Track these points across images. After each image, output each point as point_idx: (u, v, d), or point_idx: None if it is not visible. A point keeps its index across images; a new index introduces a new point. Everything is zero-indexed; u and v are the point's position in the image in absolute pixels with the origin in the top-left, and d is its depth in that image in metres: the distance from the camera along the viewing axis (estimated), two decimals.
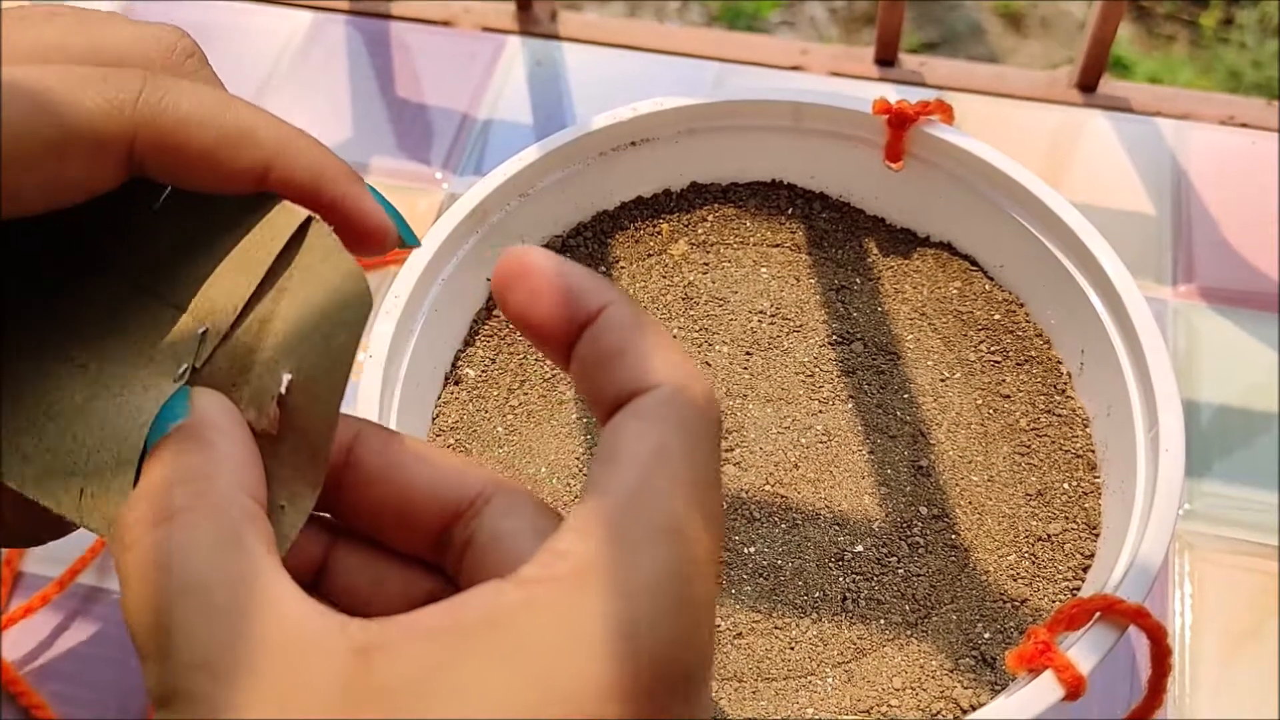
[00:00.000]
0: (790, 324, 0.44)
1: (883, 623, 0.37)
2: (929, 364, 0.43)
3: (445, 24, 0.62)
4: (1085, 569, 0.38)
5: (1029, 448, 0.41)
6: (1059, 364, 0.42)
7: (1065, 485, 0.40)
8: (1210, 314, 0.50)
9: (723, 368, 0.43)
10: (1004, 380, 0.42)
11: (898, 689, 0.36)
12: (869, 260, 0.45)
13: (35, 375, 0.26)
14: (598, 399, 0.23)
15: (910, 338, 0.43)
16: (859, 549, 0.39)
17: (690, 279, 0.45)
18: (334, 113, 0.58)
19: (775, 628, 0.37)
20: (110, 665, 0.43)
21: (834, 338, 0.43)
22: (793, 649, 0.37)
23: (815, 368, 0.43)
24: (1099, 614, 0.33)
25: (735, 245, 0.46)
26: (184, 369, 0.25)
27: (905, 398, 0.42)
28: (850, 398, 0.42)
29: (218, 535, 0.21)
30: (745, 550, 0.39)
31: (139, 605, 0.21)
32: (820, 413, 0.41)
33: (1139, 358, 0.38)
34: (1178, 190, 0.54)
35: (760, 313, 0.44)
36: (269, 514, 0.23)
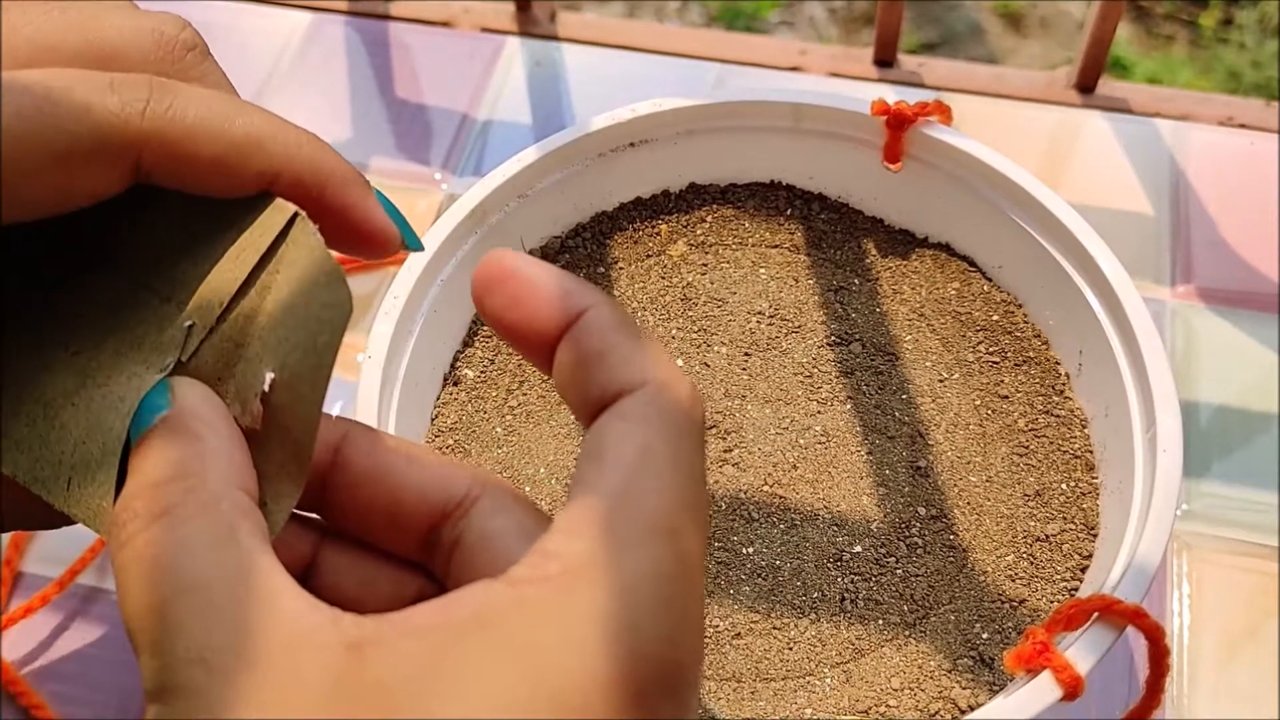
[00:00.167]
0: (789, 325, 0.44)
1: (881, 623, 0.37)
2: (927, 365, 0.43)
3: (444, 24, 0.62)
4: (1083, 569, 0.38)
5: (1027, 448, 0.41)
6: (1057, 365, 0.42)
7: (1063, 486, 0.40)
8: (1208, 314, 0.50)
9: (721, 368, 0.43)
10: (1002, 381, 0.42)
11: (896, 689, 0.36)
12: (867, 261, 0.45)
13: (34, 367, 0.26)
14: (581, 401, 0.23)
15: (908, 338, 0.43)
16: (857, 549, 0.39)
17: (689, 280, 0.45)
18: (333, 113, 0.58)
19: (774, 628, 0.37)
20: (110, 665, 0.43)
21: (832, 338, 0.43)
22: (791, 649, 0.37)
23: (814, 368, 0.43)
24: (1097, 614, 0.33)
25: (734, 246, 0.46)
26: (169, 362, 0.25)
27: (904, 398, 0.42)
28: (849, 398, 0.42)
29: (212, 531, 0.21)
30: (744, 551, 0.39)
31: (135, 602, 0.21)
32: (819, 413, 0.42)
33: (1137, 358, 0.38)
34: (1176, 191, 0.54)
35: (759, 313, 0.44)
36: None
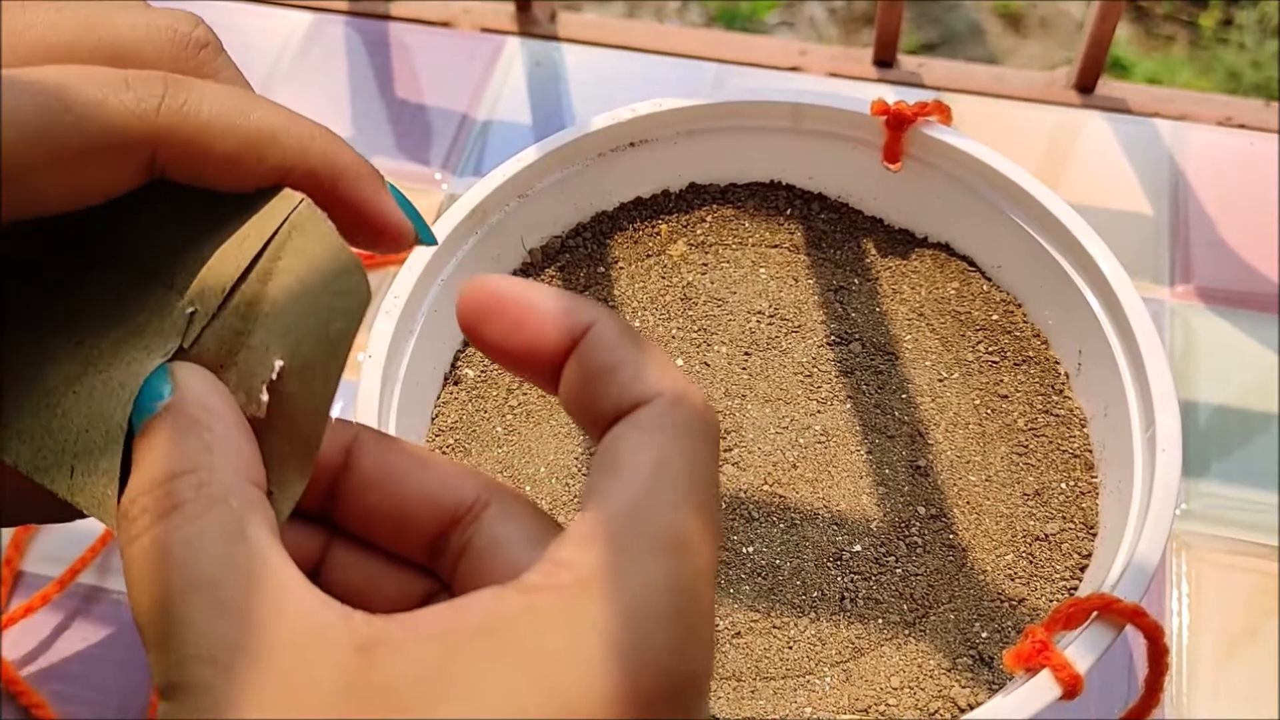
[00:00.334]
0: (789, 324, 0.44)
1: (881, 622, 0.37)
2: (927, 364, 0.43)
3: (444, 25, 0.62)
4: (1082, 568, 0.38)
5: (1026, 448, 0.41)
6: (1056, 364, 0.42)
7: (1063, 485, 0.40)
8: (1208, 314, 0.50)
9: (721, 368, 0.43)
10: (1001, 380, 0.42)
11: (896, 688, 0.36)
12: (867, 261, 0.46)
13: (37, 356, 0.26)
14: (592, 417, 0.23)
15: (908, 338, 0.44)
16: (857, 549, 0.39)
17: (689, 279, 0.45)
18: (333, 113, 0.58)
19: (774, 627, 0.37)
20: (111, 665, 0.43)
21: (832, 338, 0.43)
22: (791, 648, 0.37)
23: (813, 368, 0.43)
24: (1096, 613, 0.33)
25: (734, 246, 0.46)
26: (170, 348, 0.25)
27: (903, 398, 0.42)
28: (848, 398, 0.42)
29: (222, 527, 0.21)
30: (743, 550, 0.39)
31: (145, 598, 0.21)
32: (818, 413, 0.42)
33: (1136, 358, 0.38)
34: (1175, 191, 0.54)
35: (759, 313, 0.44)
36: None
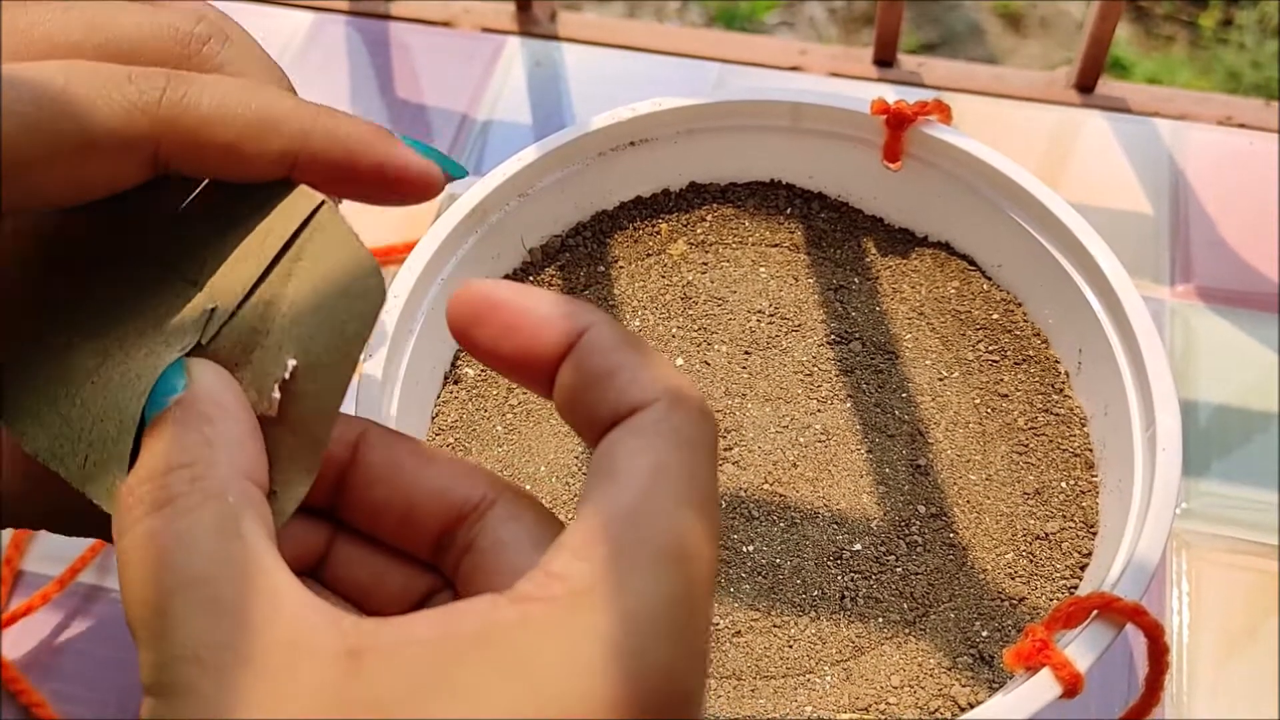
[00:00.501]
0: (789, 323, 0.44)
1: (881, 621, 0.37)
2: (927, 363, 0.43)
3: (445, 24, 0.62)
4: (1083, 567, 0.38)
5: (1027, 447, 0.41)
6: (1056, 363, 0.42)
7: (1063, 484, 0.40)
8: (1208, 314, 0.51)
9: (721, 367, 0.43)
10: (1002, 379, 0.42)
11: (896, 687, 0.36)
12: (867, 260, 0.46)
13: (61, 345, 0.26)
14: (588, 423, 0.23)
15: (908, 337, 0.44)
16: (857, 547, 0.39)
17: (689, 278, 0.45)
18: None
19: (774, 626, 0.37)
20: (111, 664, 0.43)
21: (832, 337, 0.43)
22: (791, 647, 0.37)
23: (814, 367, 0.43)
24: (1096, 612, 0.33)
25: (734, 245, 0.46)
26: (188, 343, 0.25)
27: (903, 397, 0.42)
28: (848, 397, 0.42)
29: (215, 523, 0.21)
30: (744, 549, 0.39)
31: (135, 593, 0.21)
32: (819, 412, 0.42)
33: (1136, 357, 0.38)
34: (1175, 190, 0.54)
35: (759, 312, 0.44)
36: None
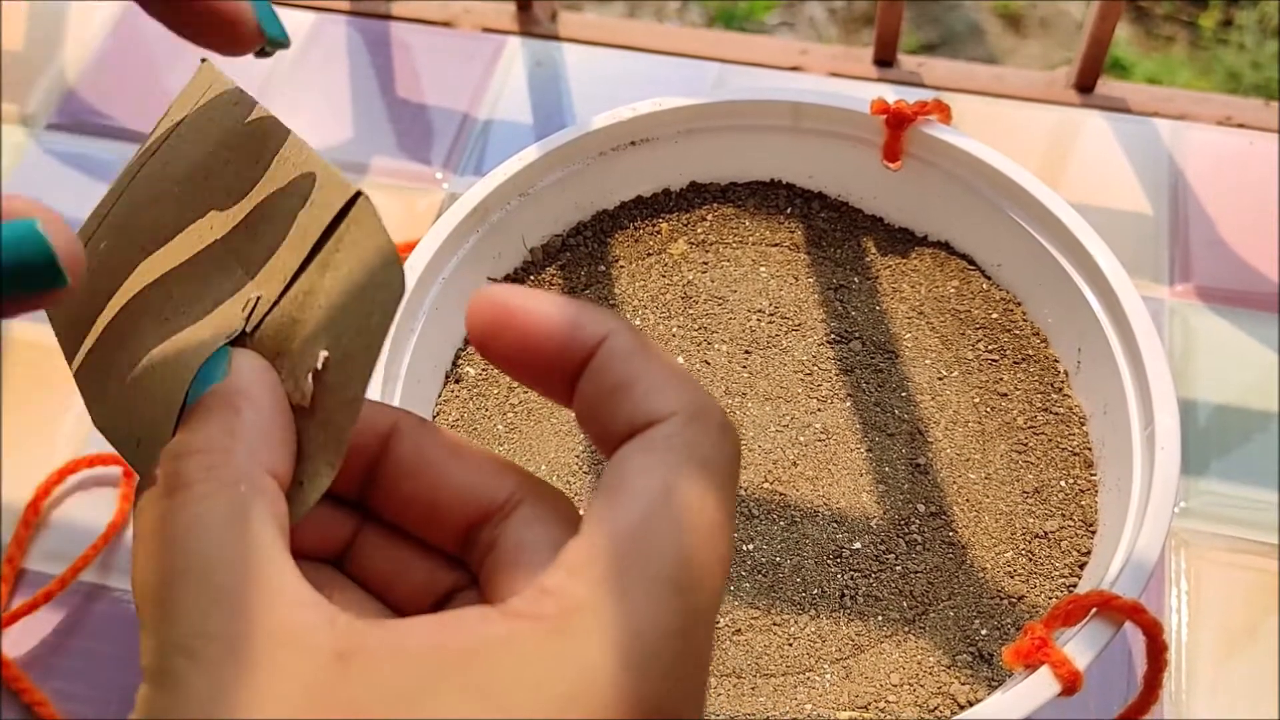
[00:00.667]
0: (789, 323, 0.44)
1: (881, 619, 0.37)
2: (927, 362, 0.43)
3: (445, 24, 0.62)
4: (1082, 565, 0.38)
5: (1026, 445, 0.41)
6: (1056, 362, 0.42)
7: (1062, 483, 0.40)
8: (1207, 313, 0.51)
9: (722, 366, 0.43)
10: (1001, 379, 0.43)
11: (895, 685, 0.36)
12: (867, 259, 0.46)
13: (131, 326, 0.27)
14: (605, 435, 0.22)
15: (908, 336, 0.44)
16: (857, 546, 0.39)
17: (689, 278, 0.45)
18: (334, 113, 0.58)
19: (774, 624, 0.37)
20: (112, 662, 0.43)
21: (832, 336, 0.44)
22: (791, 645, 0.37)
23: (814, 366, 0.43)
24: (1095, 610, 0.33)
25: (734, 244, 0.46)
26: (234, 332, 0.25)
27: (903, 396, 0.42)
28: (848, 396, 0.42)
29: (226, 513, 0.21)
30: (744, 547, 0.39)
31: (141, 575, 0.21)
32: (819, 411, 0.42)
33: (1135, 356, 0.38)
34: (1175, 190, 0.54)
35: (759, 311, 0.44)
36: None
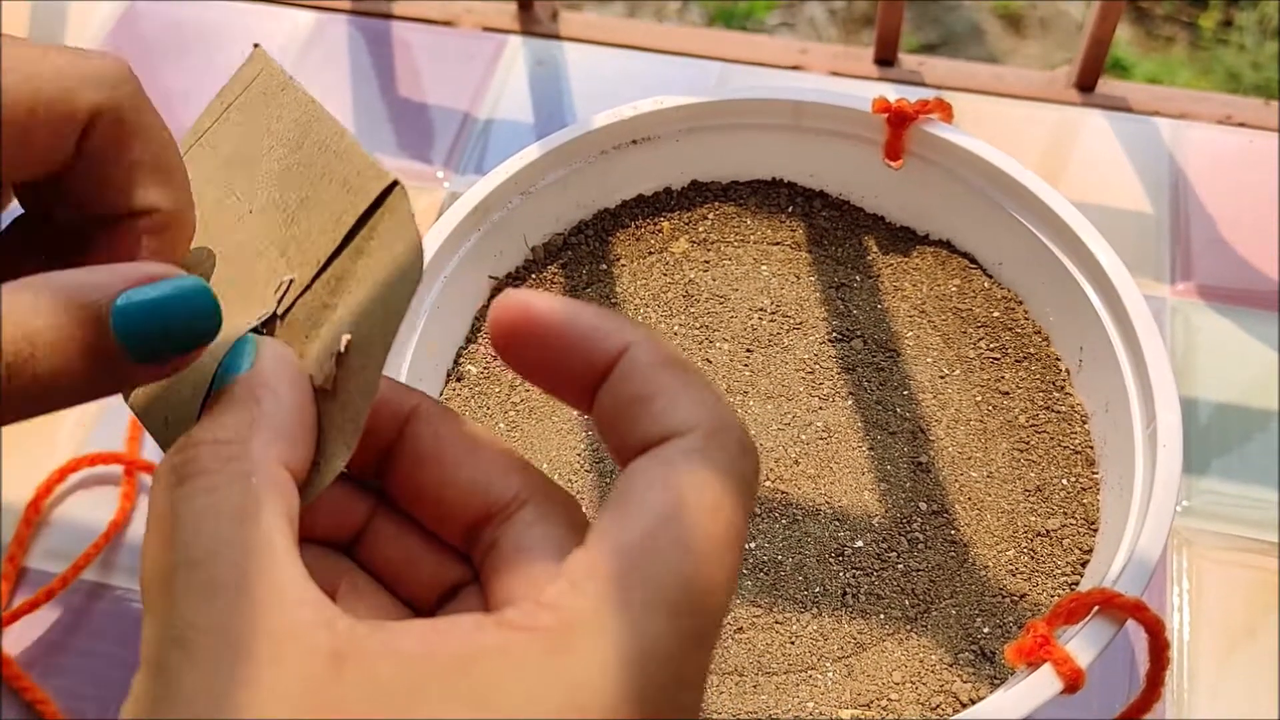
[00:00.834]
0: (790, 321, 0.44)
1: (882, 617, 0.37)
2: (928, 361, 0.43)
3: (447, 24, 0.62)
4: (1084, 564, 0.38)
5: (1028, 444, 0.41)
6: (1057, 361, 0.42)
7: (1064, 481, 0.40)
8: (1208, 312, 0.51)
9: (723, 365, 0.43)
10: (1003, 377, 0.43)
11: (897, 683, 0.36)
12: (868, 258, 0.46)
13: None
14: (623, 445, 0.21)
15: (910, 335, 0.44)
16: (859, 544, 0.39)
17: (691, 276, 0.45)
18: (336, 112, 0.58)
19: (776, 622, 0.37)
20: (114, 661, 0.43)
21: (834, 335, 0.44)
22: (793, 643, 0.37)
23: (815, 365, 0.43)
24: (1097, 608, 0.33)
25: (736, 243, 0.46)
26: (265, 314, 0.26)
27: (905, 394, 0.42)
28: (850, 394, 0.42)
29: (235, 504, 0.21)
30: (745, 546, 0.39)
31: (148, 562, 0.21)
32: (820, 409, 0.42)
33: (1137, 355, 0.38)
34: (1176, 189, 0.54)
35: (760, 310, 0.44)
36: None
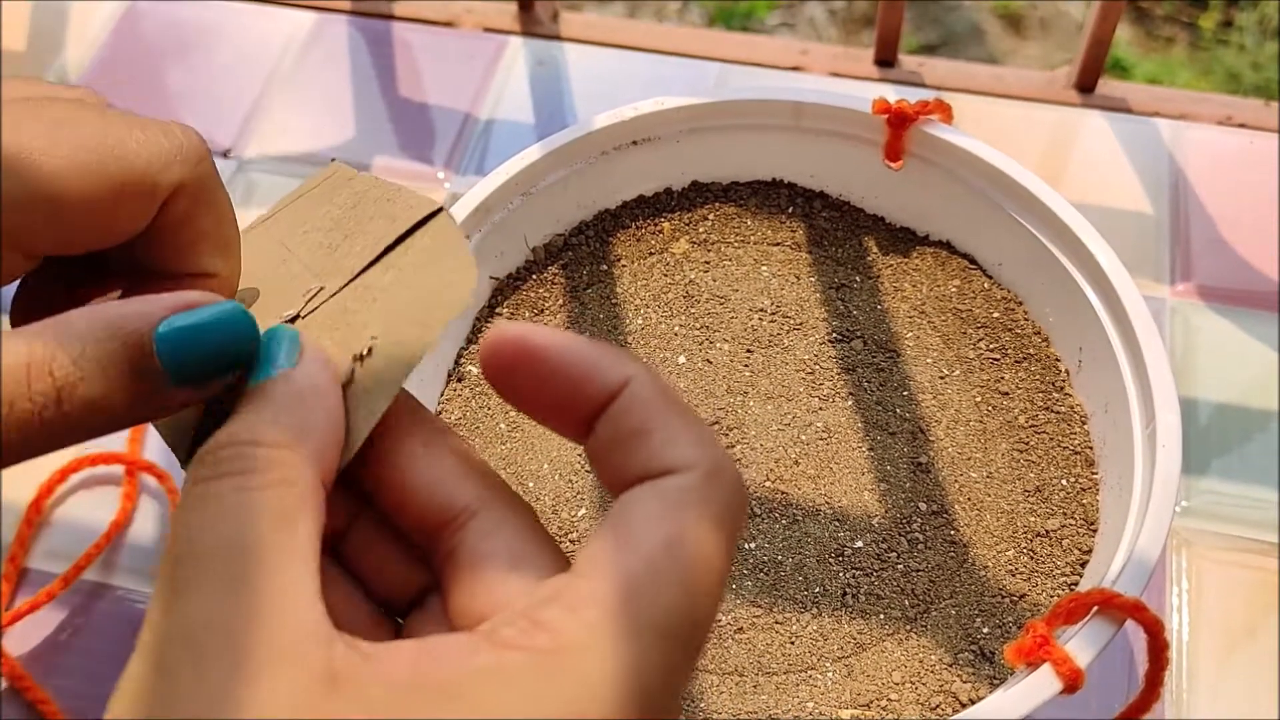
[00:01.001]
0: (790, 322, 0.44)
1: (882, 618, 0.38)
2: (928, 361, 0.43)
3: (447, 24, 0.62)
4: (1083, 564, 0.38)
5: (1028, 444, 0.41)
6: (1057, 361, 0.43)
7: (1063, 481, 0.40)
8: (1208, 312, 0.51)
9: (723, 365, 0.43)
10: (1003, 378, 0.43)
11: (897, 683, 0.36)
12: (869, 258, 0.46)
13: None
14: (616, 476, 0.22)
15: (909, 335, 0.44)
16: (859, 544, 0.39)
17: (691, 277, 0.45)
18: (336, 113, 0.58)
19: (776, 622, 0.37)
20: (115, 661, 0.43)
21: (834, 335, 0.44)
22: (793, 644, 0.37)
23: (815, 365, 0.43)
24: (1097, 608, 0.33)
25: (736, 244, 0.46)
26: (287, 315, 0.27)
27: (905, 395, 0.42)
28: (850, 395, 0.42)
29: (275, 510, 0.21)
30: (746, 546, 0.39)
31: (176, 546, 0.21)
32: (820, 410, 0.42)
33: (1136, 355, 0.39)
34: (1175, 190, 0.54)
35: (761, 310, 0.44)
36: None
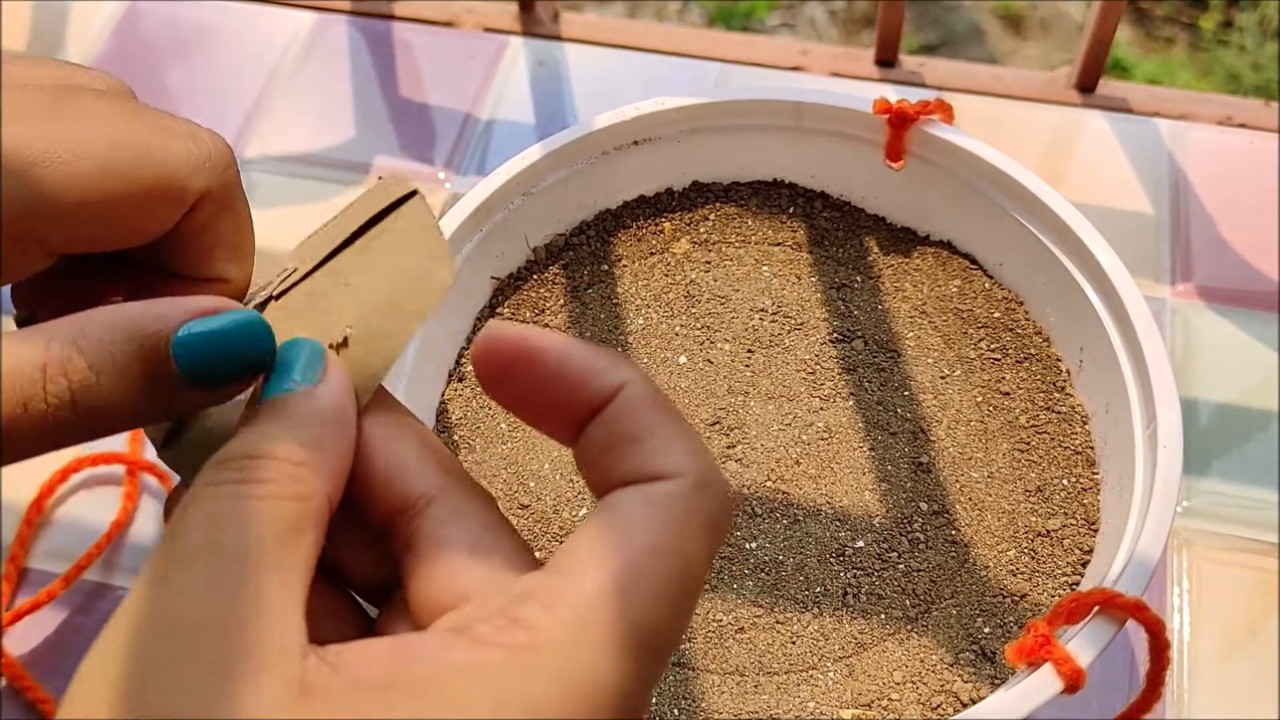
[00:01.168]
0: (791, 322, 0.44)
1: (883, 617, 0.38)
2: (929, 361, 0.43)
3: (447, 24, 0.62)
4: (1084, 564, 0.38)
5: (1029, 444, 0.41)
6: (1058, 361, 0.43)
7: (1064, 481, 0.40)
8: (1208, 313, 0.51)
9: (724, 365, 0.43)
10: (1004, 378, 0.43)
11: (898, 683, 0.36)
12: (869, 259, 0.46)
13: None
14: (604, 479, 0.22)
15: (910, 335, 0.44)
16: (860, 544, 0.39)
17: (692, 277, 0.45)
18: (337, 113, 0.58)
19: (777, 622, 0.37)
20: None
21: (835, 335, 0.44)
22: (794, 643, 0.37)
23: (816, 365, 0.43)
24: (1098, 608, 0.33)
25: (737, 244, 0.46)
26: (260, 299, 0.27)
27: (905, 395, 0.42)
28: (851, 395, 0.42)
29: (285, 522, 0.21)
30: (747, 546, 0.39)
31: (187, 539, 0.21)
32: (821, 410, 0.42)
33: (1137, 355, 0.39)
34: (1176, 190, 0.54)
35: (762, 310, 0.44)
36: None
